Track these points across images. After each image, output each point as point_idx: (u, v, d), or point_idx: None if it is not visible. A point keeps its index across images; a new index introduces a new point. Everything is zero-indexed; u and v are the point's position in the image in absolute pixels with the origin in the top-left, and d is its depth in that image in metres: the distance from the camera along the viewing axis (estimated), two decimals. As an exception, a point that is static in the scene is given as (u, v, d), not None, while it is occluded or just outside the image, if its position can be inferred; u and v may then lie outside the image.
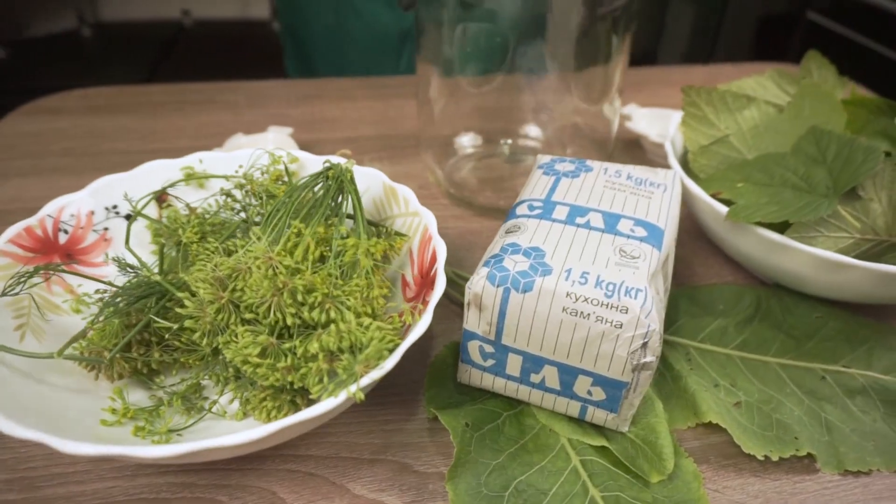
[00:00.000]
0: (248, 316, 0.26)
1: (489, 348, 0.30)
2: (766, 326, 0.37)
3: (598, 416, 0.30)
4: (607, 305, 0.27)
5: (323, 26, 0.74)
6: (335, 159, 0.34)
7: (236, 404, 0.30)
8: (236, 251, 0.28)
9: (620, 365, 0.28)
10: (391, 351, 0.25)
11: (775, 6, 1.45)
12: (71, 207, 0.34)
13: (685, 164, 0.43)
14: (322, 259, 0.28)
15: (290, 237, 0.27)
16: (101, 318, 0.28)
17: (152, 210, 0.37)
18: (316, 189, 0.31)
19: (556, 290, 0.28)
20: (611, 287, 0.28)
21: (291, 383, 0.25)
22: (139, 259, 0.30)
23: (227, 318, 0.26)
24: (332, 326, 0.24)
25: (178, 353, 0.30)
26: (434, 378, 0.34)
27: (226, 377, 0.30)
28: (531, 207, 0.33)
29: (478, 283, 0.29)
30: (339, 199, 0.31)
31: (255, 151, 0.37)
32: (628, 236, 0.31)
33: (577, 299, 0.27)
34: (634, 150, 0.56)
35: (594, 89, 0.45)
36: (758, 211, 0.35)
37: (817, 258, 0.33)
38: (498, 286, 0.28)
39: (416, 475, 0.29)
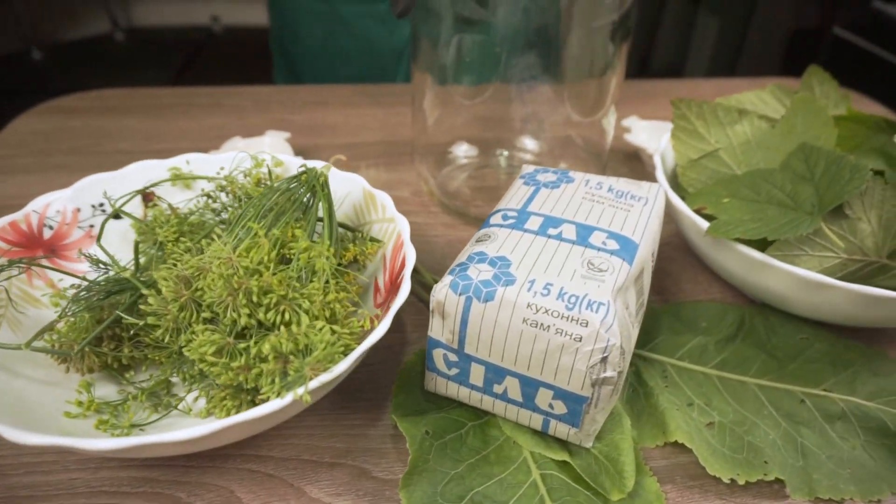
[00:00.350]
0: (206, 315, 0.26)
1: (453, 357, 0.30)
2: (747, 346, 0.36)
3: (560, 429, 0.30)
4: (568, 318, 0.27)
5: (314, 42, 0.73)
6: (313, 164, 0.34)
7: (202, 402, 0.30)
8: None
9: (580, 379, 0.27)
10: (344, 355, 0.25)
11: (801, 21, 1.42)
12: (57, 204, 0.35)
13: (676, 177, 0.43)
14: (286, 262, 0.28)
15: (252, 239, 0.27)
16: (69, 312, 0.29)
17: (139, 209, 0.37)
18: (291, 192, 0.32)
19: (517, 300, 0.27)
20: (573, 299, 0.27)
21: (247, 382, 0.26)
22: (110, 256, 0.31)
23: (189, 316, 0.27)
24: (283, 328, 0.25)
25: (148, 350, 0.31)
26: (402, 385, 0.33)
27: (192, 375, 0.30)
28: (505, 217, 0.33)
29: (441, 290, 0.29)
30: (311, 202, 0.31)
31: (239, 155, 0.37)
32: (599, 249, 0.30)
33: (537, 311, 0.27)
34: (633, 162, 0.56)
35: (588, 101, 0.45)
36: (738, 227, 0.34)
37: (797, 277, 0.32)
38: (460, 295, 0.28)
39: (374, 481, 0.29)
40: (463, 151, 0.51)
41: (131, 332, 0.31)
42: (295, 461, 0.30)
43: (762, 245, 0.35)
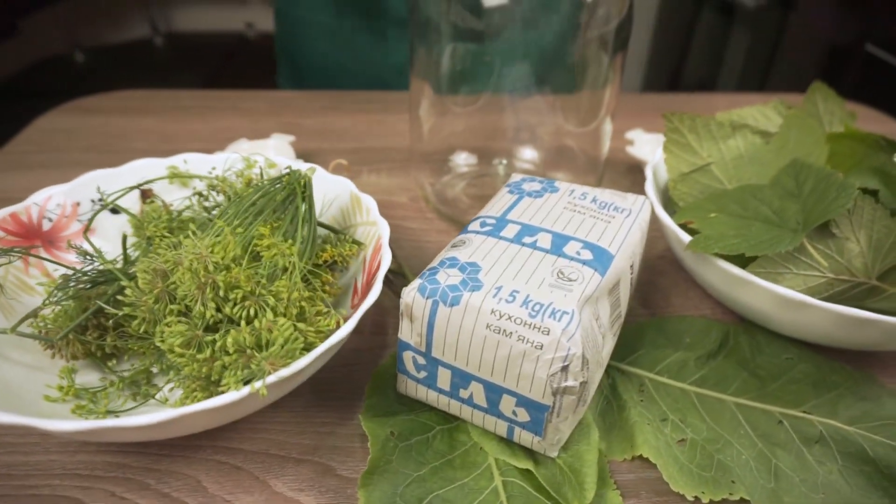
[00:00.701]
0: (179, 308, 0.27)
1: (421, 360, 0.30)
2: (729, 363, 0.36)
3: (524, 437, 0.30)
4: (530, 325, 0.27)
5: (316, 55, 0.74)
6: (299, 165, 0.35)
7: (179, 393, 0.31)
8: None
9: (541, 387, 0.27)
10: (306, 351, 0.26)
11: (834, 38, 1.39)
12: (58, 198, 0.37)
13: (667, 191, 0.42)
14: (260, 259, 0.29)
15: (225, 236, 0.28)
16: (52, 299, 0.30)
17: (136, 205, 0.39)
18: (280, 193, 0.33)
19: (481, 306, 0.28)
20: (537, 307, 0.27)
21: (213, 375, 0.26)
22: (95, 248, 0.32)
23: (163, 308, 0.28)
24: (244, 323, 0.25)
25: (130, 341, 0.32)
26: (376, 387, 0.34)
27: (170, 366, 0.31)
28: (483, 224, 0.34)
29: (409, 294, 0.29)
30: (291, 203, 0.32)
31: (232, 156, 0.39)
32: (572, 258, 0.31)
33: (501, 317, 0.27)
34: (635, 174, 0.55)
35: (581, 112, 0.45)
36: (719, 242, 0.34)
37: (775, 295, 0.32)
38: (427, 298, 0.29)
39: (337, 479, 0.30)
40: (462, 160, 0.51)
41: (115, 322, 0.32)
42: (263, 455, 0.31)
43: (747, 262, 0.34)
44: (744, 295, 0.34)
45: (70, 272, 0.32)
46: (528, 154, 0.51)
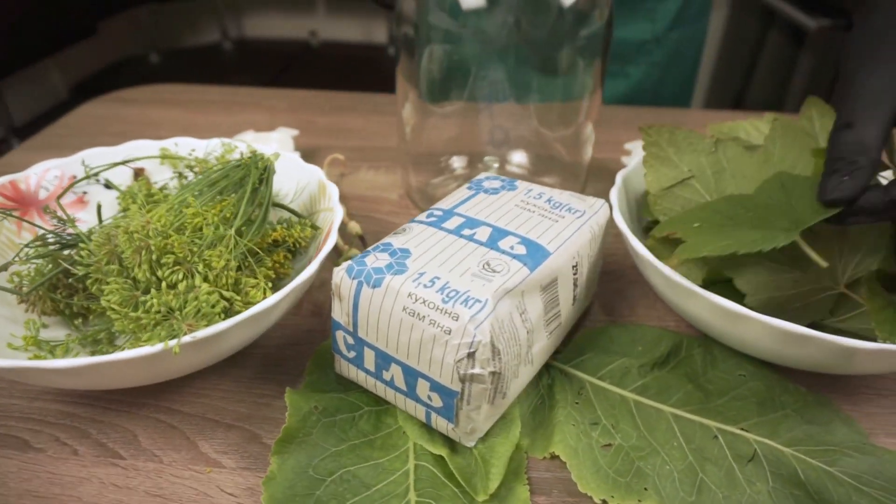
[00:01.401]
0: (113, 267, 0.29)
1: (350, 340, 0.31)
2: (675, 374, 0.35)
3: (440, 423, 0.30)
4: (441, 310, 0.28)
5: None
6: (263, 150, 0.37)
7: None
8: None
9: (449, 372, 0.28)
10: (226, 317, 0.28)
11: None
12: (56, 170, 0.40)
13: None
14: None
15: (172, 207, 0.30)
16: (21, 255, 0.33)
17: (128, 181, 0.42)
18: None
19: (400, 289, 0.28)
20: (452, 294, 0.28)
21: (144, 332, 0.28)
22: (66, 214, 0.35)
23: (114, 270, 0.30)
24: (164, 286, 0.27)
25: (94, 302, 0.34)
26: (317, 365, 0.35)
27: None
28: (430, 215, 0.34)
29: (337, 273, 0.30)
30: (247, 182, 0.34)
31: (214, 141, 0.41)
32: (503, 252, 0.31)
33: (416, 300, 0.28)
34: None
35: (559, 118, 0.45)
36: (707, 245, 0.32)
37: (712, 304, 0.31)
38: (353, 279, 0.30)
39: (261, 446, 0.31)
40: (448, 163, 0.52)
41: (85, 284, 0.35)
42: (199, 418, 0.32)
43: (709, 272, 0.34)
44: (685, 303, 0.33)
45: (50, 237, 0.35)
46: (516, 158, 0.51)
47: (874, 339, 0.31)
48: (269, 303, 0.29)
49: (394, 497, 0.28)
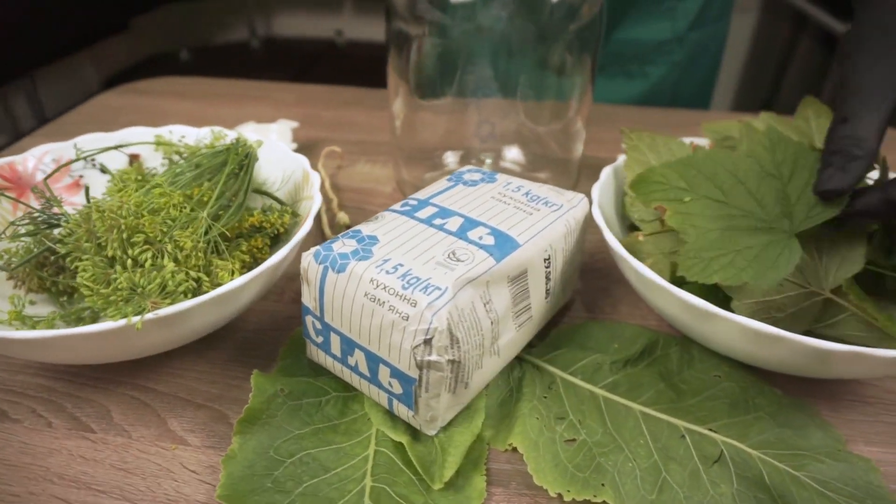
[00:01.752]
0: (88, 245, 0.30)
1: (318, 325, 0.32)
2: (649, 372, 0.34)
3: (401, 410, 0.30)
4: (401, 296, 0.28)
5: None
6: (249, 136, 0.38)
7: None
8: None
9: (406, 358, 0.28)
10: (192, 296, 0.28)
11: None
12: (54, 153, 0.42)
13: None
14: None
15: (152, 189, 0.31)
16: (7, 233, 0.34)
17: (123, 166, 0.43)
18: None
19: (363, 274, 0.29)
20: (413, 280, 0.28)
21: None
22: (52, 193, 0.36)
23: (91, 248, 0.31)
24: (129, 263, 0.28)
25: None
26: (290, 350, 0.36)
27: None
28: (405, 205, 0.35)
29: (305, 258, 0.31)
30: (226, 167, 0.34)
31: (204, 130, 0.42)
32: (471, 242, 0.31)
33: (377, 286, 0.28)
34: None
35: (549, 114, 0.45)
36: (712, 264, 0.31)
37: (680, 301, 0.30)
38: (320, 264, 0.30)
39: (227, 426, 0.32)
40: (444, 157, 0.52)
41: (72, 263, 0.36)
42: (171, 396, 0.33)
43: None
44: (656, 299, 0.33)
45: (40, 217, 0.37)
46: (510, 154, 0.51)
47: (862, 344, 0.30)
48: (233, 285, 0.29)
49: (350, 481, 0.29)
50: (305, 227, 0.34)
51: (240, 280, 0.29)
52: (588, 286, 0.42)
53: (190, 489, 0.29)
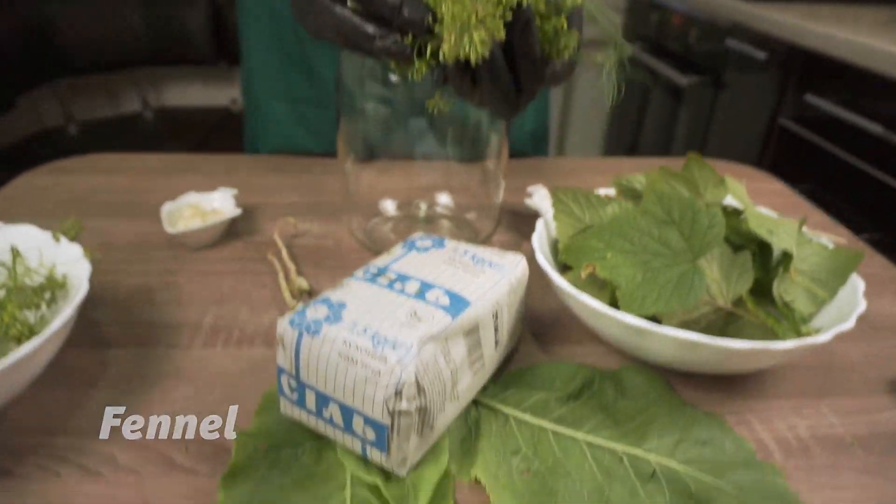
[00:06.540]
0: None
1: (293, 382, 0.37)
2: (589, 405, 0.42)
3: (375, 455, 0.36)
4: (372, 354, 0.34)
5: (281, 139, 0.85)
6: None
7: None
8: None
9: (380, 408, 0.34)
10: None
11: (754, 112, 1.65)
12: None
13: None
14: None
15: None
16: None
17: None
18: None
19: (336, 336, 0.35)
20: (382, 340, 0.34)
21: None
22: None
23: None
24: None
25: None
26: (266, 406, 0.41)
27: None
28: (366, 272, 0.41)
29: (281, 324, 0.36)
30: None
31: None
32: (429, 303, 0.38)
33: (350, 346, 0.34)
34: (531, 221, 0.62)
35: (476, 171, 0.60)
36: (644, 302, 0.41)
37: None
38: (295, 329, 0.36)
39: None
40: (385, 206, 0.65)
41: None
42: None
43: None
44: (603, 326, 0.42)
45: None
46: (441, 200, 0.66)
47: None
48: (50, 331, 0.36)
49: (333, 524, 0.34)
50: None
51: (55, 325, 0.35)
52: (538, 329, 0.51)
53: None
